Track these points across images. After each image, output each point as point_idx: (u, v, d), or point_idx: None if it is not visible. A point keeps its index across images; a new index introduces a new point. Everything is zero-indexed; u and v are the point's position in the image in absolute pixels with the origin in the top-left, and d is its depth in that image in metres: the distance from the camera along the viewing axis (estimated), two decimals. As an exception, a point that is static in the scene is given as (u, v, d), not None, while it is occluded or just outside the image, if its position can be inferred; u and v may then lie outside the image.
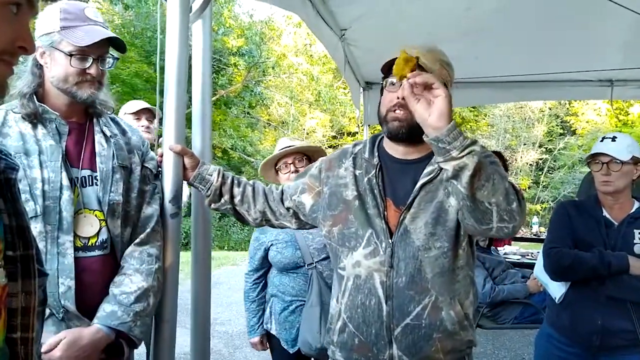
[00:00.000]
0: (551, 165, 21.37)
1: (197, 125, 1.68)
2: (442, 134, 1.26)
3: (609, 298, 2.16)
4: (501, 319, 3.66)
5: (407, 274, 1.48)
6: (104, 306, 1.52)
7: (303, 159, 2.62)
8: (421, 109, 1.29)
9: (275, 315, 2.59)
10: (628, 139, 2.28)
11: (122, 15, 15.21)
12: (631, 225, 2.22)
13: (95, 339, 1.47)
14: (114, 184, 1.58)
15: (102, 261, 1.56)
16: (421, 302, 1.47)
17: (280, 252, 2.54)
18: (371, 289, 1.51)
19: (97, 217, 1.55)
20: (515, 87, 4.32)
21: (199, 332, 1.73)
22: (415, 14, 2.75)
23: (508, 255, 4.96)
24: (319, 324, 2.37)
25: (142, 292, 1.55)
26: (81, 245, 1.51)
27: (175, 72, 1.47)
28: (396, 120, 1.53)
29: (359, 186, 1.59)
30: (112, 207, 1.57)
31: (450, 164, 1.26)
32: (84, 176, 1.55)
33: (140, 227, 1.65)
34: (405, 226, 1.50)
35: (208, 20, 1.65)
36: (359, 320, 1.53)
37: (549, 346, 2.39)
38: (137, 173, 1.67)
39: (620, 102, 15.16)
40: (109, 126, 1.67)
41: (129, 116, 3.11)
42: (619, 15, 2.50)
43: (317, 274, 2.47)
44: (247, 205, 1.71)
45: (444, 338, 1.48)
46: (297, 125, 21.90)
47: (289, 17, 19.34)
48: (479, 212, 1.31)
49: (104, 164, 1.58)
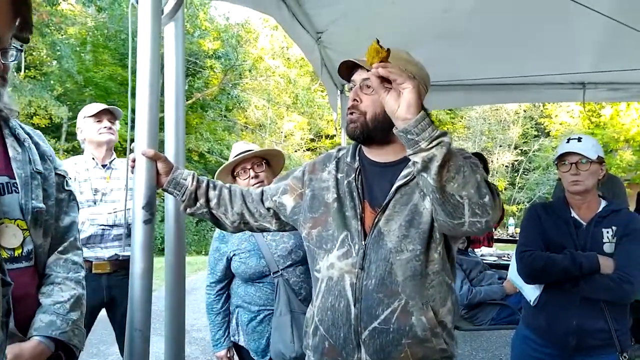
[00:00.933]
0: (526, 166, 21.73)
1: (171, 129, 1.65)
2: (409, 125, 1.23)
3: (582, 299, 2.20)
4: (478, 320, 3.69)
5: (377, 276, 1.46)
6: (40, 317, 1.46)
7: (262, 163, 2.54)
8: (391, 100, 1.27)
9: (242, 326, 2.50)
10: (592, 139, 2.33)
11: (95, 17, 15.00)
12: (599, 224, 2.26)
13: (36, 353, 1.41)
14: (34, 191, 1.50)
15: (29, 273, 1.49)
16: (390, 305, 1.45)
17: (244, 262, 2.43)
18: (341, 291, 1.50)
19: (19, 226, 1.46)
20: (491, 89, 4.37)
21: (174, 340, 1.69)
22: (391, 16, 2.75)
23: (485, 256, 5.00)
24: (290, 332, 2.30)
25: (75, 300, 1.52)
26: (7, 256, 1.42)
27: (148, 75, 1.44)
28: (351, 123, 1.53)
29: (339, 189, 1.59)
30: (35, 215, 1.49)
31: (419, 155, 1.24)
32: (2, 183, 1.45)
33: (60, 237, 1.59)
34: (379, 228, 1.49)
35: (180, 23, 1.62)
36: (329, 323, 1.51)
37: (525, 347, 2.41)
38: (52, 180, 1.59)
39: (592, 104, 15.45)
40: (19, 130, 1.56)
41: (88, 119, 3.04)
42: (590, 19, 2.54)
43: (283, 282, 2.38)
44: (224, 208, 1.68)
45: (413, 344, 1.44)
46: (274, 128, 21.88)
47: (265, 19, 19.34)
48: (449, 206, 1.28)
49: (21, 170, 1.48)
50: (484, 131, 22.01)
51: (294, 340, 2.27)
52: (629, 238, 2.18)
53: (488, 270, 3.94)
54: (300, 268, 2.42)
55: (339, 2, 2.65)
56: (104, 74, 13.93)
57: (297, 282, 2.41)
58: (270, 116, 21.41)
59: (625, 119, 15.83)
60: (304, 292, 2.41)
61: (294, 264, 2.42)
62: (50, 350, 1.44)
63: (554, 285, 2.28)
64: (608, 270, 2.14)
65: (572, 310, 2.21)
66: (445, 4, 2.59)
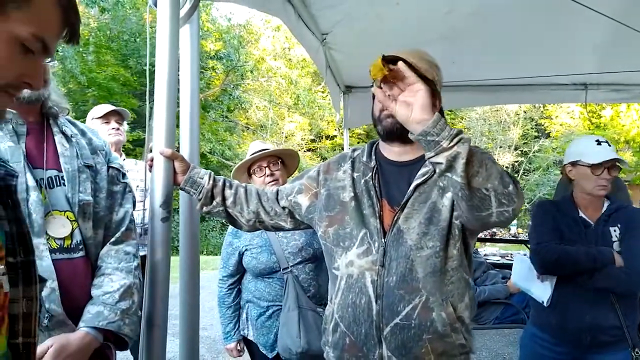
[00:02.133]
0: (526, 167, 21.71)
1: (186, 129, 1.69)
2: (428, 127, 1.26)
3: (595, 295, 2.22)
4: (482, 319, 3.72)
5: (398, 273, 1.48)
6: (89, 309, 1.49)
7: (277, 162, 2.63)
8: (402, 109, 1.31)
9: (252, 321, 2.57)
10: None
11: (98, 18, 15.02)
12: (607, 224, 2.30)
13: (83, 344, 1.43)
14: (81, 184, 1.55)
15: (80, 263, 1.53)
16: (411, 301, 1.47)
17: (255, 257, 2.51)
18: (362, 288, 1.52)
19: (68, 218, 1.51)
20: (492, 90, 4.38)
21: (188, 338, 1.72)
22: (395, 18, 2.77)
23: (488, 256, 5.04)
24: (297, 328, 2.36)
25: (125, 289, 1.54)
26: (57, 246, 1.48)
27: (166, 77, 1.47)
28: (390, 117, 1.55)
29: (356, 188, 1.61)
30: (83, 208, 1.54)
31: (443, 155, 1.25)
32: (51, 176, 1.51)
33: (114, 229, 1.63)
34: (398, 226, 1.51)
35: (195, 25, 1.66)
36: (350, 320, 1.54)
37: (535, 346, 2.44)
38: (104, 173, 1.65)
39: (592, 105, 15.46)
40: (68, 127, 1.63)
41: (96, 121, 3.08)
42: (593, 20, 2.56)
43: (292, 278, 2.45)
44: (240, 207, 1.71)
45: (434, 339, 1.47)
46: (275, 129, 21.87)
47: (267, 20, 19.35)
48: (477, 200, 1.30)
49: (68, 164, 1.55)
50: (484, 132, 22.01)
51: (300, 336, 2.33)
52: (631, 234, 2.23)
53: (492, 270, 3.97)
54: (310, 265, 2.49)
55: (344, 3, 2.67)
56: (107, 74, 13.92)
57: (306, 279, 2.47)
58: (272, 117, 21.40)
59: (626, 120, 15.82)
60: (312, 290, 2.47)
61: (304, 261, 2.48)
62: (99, 341, 1.48)
63: (565, 283, 2.31)
64: (620, 264, 2.18)
65: (584, 307, 2.24)
66: (448, 5, 2.61)
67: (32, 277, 0.88)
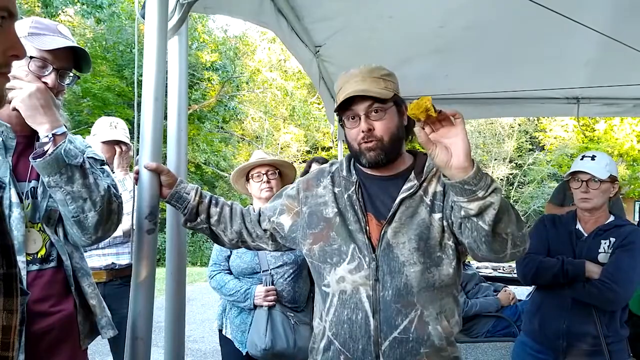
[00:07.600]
0: (521, 180, 21.78)
1: (173, 141, 1.67)
2: (469, 177, 1.25)
3: (574, 302, 2.27)
4: (474, 332, 3.70)
5: (393, 287, 1.48)
6: None
7: (275, 172, 2.77)
8: (442, 153, 1.28)
9: (231, 319, 2.71)
10: (606, 158, 2.36)
11: (94, 29, 15.05)
12: (599, 236, 2.32)
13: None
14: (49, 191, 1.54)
15: (49, 273, 1.56)
16: (408, 315, 1.47)
17: (240, 257, 2.69)
18: (357, 304, 1.51)
19: (40, 230, 1.53)
20: (486, 103, 4.41)
21: (173, 350, 1.70)
22: (388, 31, 2.79)
23: (480, 269, 5.01)
24: (265, 326, 2.52)
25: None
26: (30, 259, 1.50)
27: (153, 89, 1.46)
28: (372, 151, 1.53)
29: (339, 203, 1.59)
30: (48, 214, 1.55)
31: (476, 203, 1.26)
32: (32, 187, 1.51)
33: None
34: (387, 240, 1.50)
35: (184, 37, 1.65)
36: (346, 337, 1.52)
37: (523, 354, 2.48)
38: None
39: (586, 119, 15.57)
40: None
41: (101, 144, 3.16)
42: (584, 35, 2.58)
43: (269, 279, 2.62)
44: (224, 226, 1.69)
45: (431, 353, 1.47)
46: (271, 140, 21.90)
47: (263, 32, 19.42)
48: (497, 244, 1.33)
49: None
50: (478, 144, 22.06)
51: (266, 334, 2.49)
52: (622, 249, 2.24)
53: (483, 283, 3.95)
54: (289, 271, 2.65)
55: (337, 17, 2.69)
56: (102, 84, 13.91)
57: (282, 283, 2.64)
58: (267, 128, 21.45)
59: (619, 133, 15.95)
60: (285, 294, 2.63)
61: (284, 265, 2.65)
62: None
63: (547, 289, 2.37)
64: (594, 276, 2.21)
65: (563, 312, 2.29)
66: (441, 19, 2.63)
67: (14, 289, 0.87)
